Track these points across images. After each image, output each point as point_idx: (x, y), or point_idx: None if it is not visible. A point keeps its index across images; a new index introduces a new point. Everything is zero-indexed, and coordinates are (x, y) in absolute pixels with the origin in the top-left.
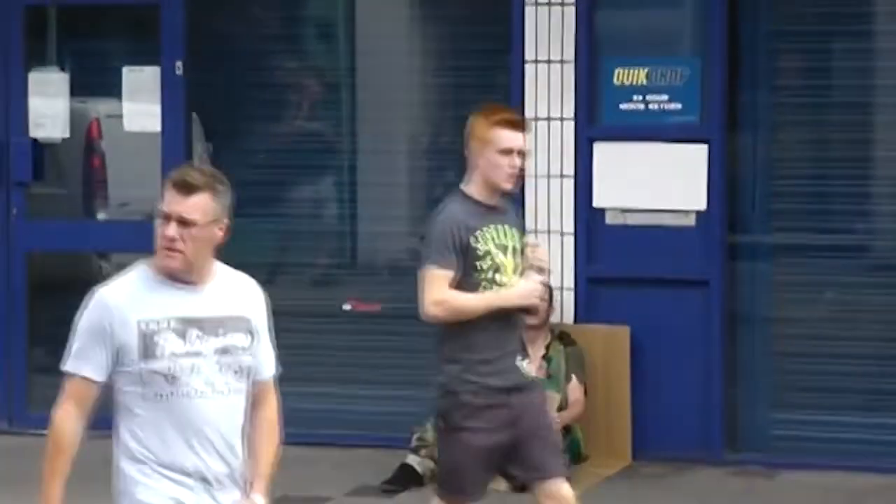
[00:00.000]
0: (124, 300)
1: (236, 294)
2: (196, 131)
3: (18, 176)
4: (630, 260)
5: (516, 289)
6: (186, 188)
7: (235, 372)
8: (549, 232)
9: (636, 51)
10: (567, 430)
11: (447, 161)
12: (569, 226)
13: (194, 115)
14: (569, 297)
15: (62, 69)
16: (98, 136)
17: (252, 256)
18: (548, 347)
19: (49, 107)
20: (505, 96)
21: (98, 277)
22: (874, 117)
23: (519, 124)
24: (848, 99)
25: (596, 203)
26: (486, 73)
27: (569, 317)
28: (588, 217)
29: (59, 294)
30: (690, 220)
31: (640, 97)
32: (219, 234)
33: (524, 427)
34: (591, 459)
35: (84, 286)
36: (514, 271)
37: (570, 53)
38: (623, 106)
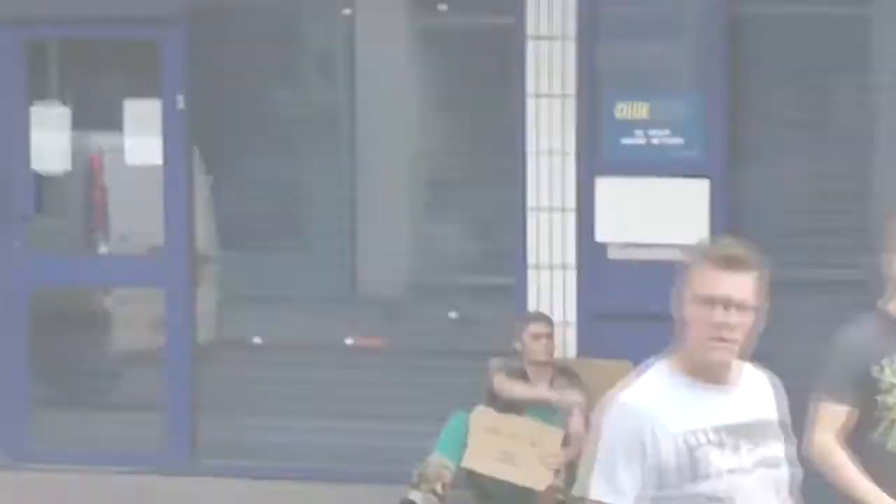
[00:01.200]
0: (658, 409)
1: (765, 393)
2: (197, 165)
3: (20, 210)
4: (632, 295)
5: None
6: (734, 265)
7: (776, 488)
8: (551, 267)
9: (638, 85)
10: (570, 466)
11: (448, 194)
12: (571, 261)
13: (195, 148)
14: (571, 333)
15: (63, 103)
16: (99, 169)
17: (254, 290)
18: (551, 382)
19: (50, 141)
20: (506, 130)
21: (99, 311)
22: (876, 152)
23: None
24: (850, 133)
25: (598, 238)
26: (487, 107)
27: (571, 352)
28: (590, 252)
29: (60, 328)
30: None
31: (642, 132)
32: (758, 321)
33: None
34: None
35: (85, 320)
36: None
37: (571, 88)
38: (625, 141)
